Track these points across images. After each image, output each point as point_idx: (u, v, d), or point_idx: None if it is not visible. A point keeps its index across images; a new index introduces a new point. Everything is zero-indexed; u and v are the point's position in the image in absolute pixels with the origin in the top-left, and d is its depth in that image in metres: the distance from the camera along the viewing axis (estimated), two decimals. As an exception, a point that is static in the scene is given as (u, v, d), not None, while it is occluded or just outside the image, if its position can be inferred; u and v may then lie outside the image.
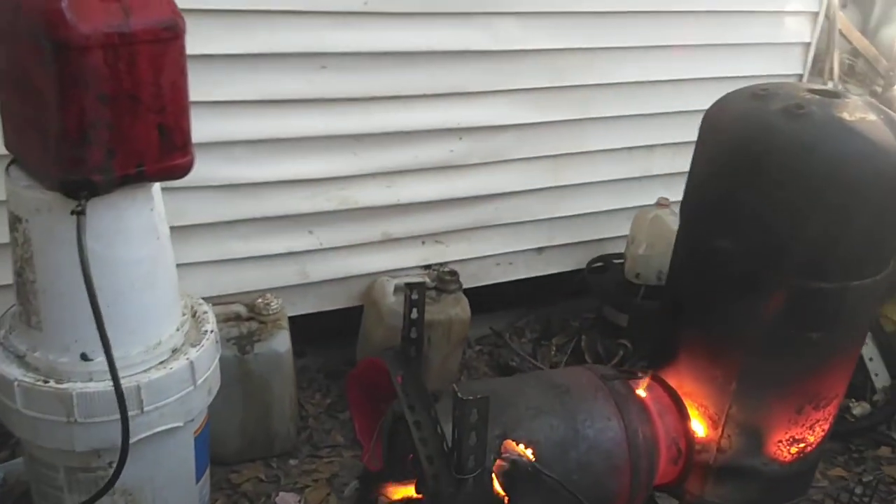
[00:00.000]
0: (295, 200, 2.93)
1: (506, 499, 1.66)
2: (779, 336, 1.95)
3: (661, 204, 3.44)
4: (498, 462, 1.69)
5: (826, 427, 2.12)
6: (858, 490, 2.14)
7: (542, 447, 1.81)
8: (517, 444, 1.73)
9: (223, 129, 2.63)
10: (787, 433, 2.06)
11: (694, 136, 3.65)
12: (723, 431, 2.08)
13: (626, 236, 3.73)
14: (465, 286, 3.24)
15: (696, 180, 2.08)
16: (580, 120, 3.39)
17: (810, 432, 2.08)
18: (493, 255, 3.49)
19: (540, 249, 3.60)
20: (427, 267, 3.33)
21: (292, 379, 2.87)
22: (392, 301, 3.08)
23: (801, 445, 2.09)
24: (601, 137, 3.48)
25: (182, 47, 1.83)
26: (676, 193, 3.71)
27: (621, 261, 3.60)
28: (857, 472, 3.13)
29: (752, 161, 1.83)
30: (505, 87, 3.15)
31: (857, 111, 1.82)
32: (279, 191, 2.87)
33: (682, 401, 2.07)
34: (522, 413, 1.85)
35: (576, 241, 3.67)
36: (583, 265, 3.73)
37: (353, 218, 3.08)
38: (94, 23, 1.66)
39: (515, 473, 1.67)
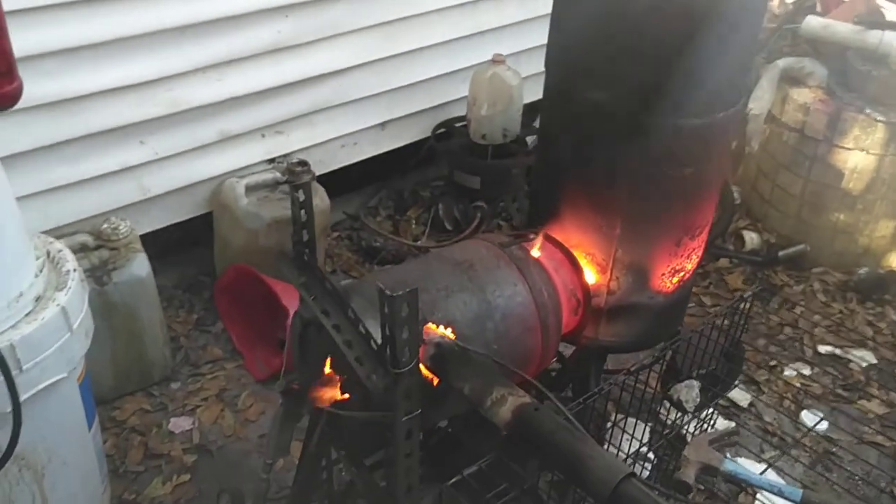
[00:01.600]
0: (120, 110, 2.65)
1: (435, 381, 1.66)
2: (657, 177, 2.01)
3: (497, 61, 3.42)
4: (422, 347, 1.67)
5: (700, 254, 2.25)
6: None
7: (461, 325, 1.81)
8: (437, 327, 1.71)
9: (28, 40, 2.29)
10: (668, 266, 2.17)
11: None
12: (611, 275, 2.17)
13: (465, 99, 3.71)
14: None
15: (562, 38, 2.05)
16: (407, -19, 3.25)
17: (688, 261, 2.21)
18: (337, 137, 3.37)
19: (383, 124, 3.51)
20: (272, 161, 3.17)
21: (157, 302, 2.69)
22: (246, 203, 2.91)
23: (682, 275, 2.23)
24: (432, -1, 3.37)
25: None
26: (508, 47, 3.75)
27: (464, 124, 3.59)
28: (704, 287, 3.43)
29: (616, 7, 1.82)
30: (325, -45, 2.95)
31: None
32: (102, 102, 2.59)
33: (572, 254, 2.13)
34: (435, 296, 1.82)
35: (417, 109, 3.59)
36: (427, 134, 3.69)
37: (186, 120, 2.84)
38: None
39: (441, 355, 1.66)
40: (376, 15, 3.20)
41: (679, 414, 2.40)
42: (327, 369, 1.73)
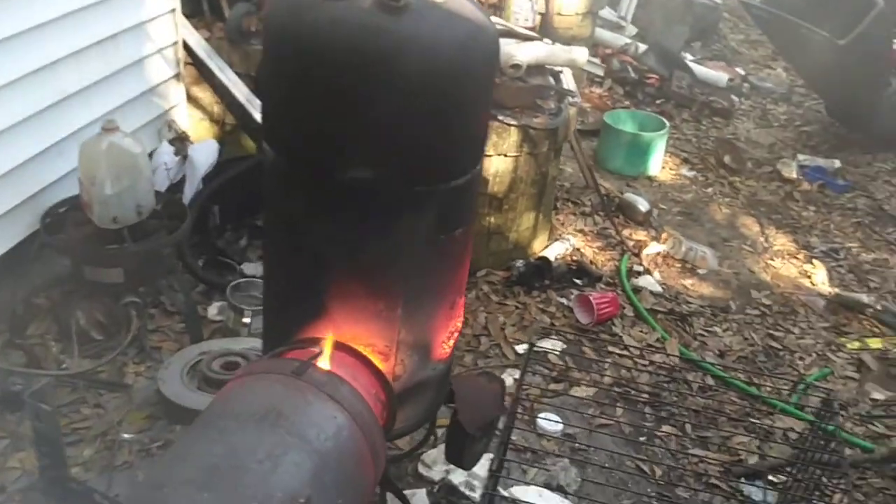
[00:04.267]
0: None
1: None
2: (435, 244, 1.80)
3: (109, 129, 2.84)
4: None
5: (463, 304, 2.12)
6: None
7: (305, 494, 1.42)
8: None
9: None
10: (447, 331, 1.99)
11: (93, 38, 3.07)
12: (396, 359, 1.92)
13: (68, 178, 3.05)
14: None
15: (292, 109, 1.70)
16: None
17: (459, 318, 2.05)
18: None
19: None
20: None
21: None
22: None
23: (456, 335, 2.07)
24: (1, 67, 2.66)
25: None
26: (99, 108, 3.16)
27: (76, 210, 2.95)
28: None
29: (376, 75, 1.55)
30: None
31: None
32: None
33: (358, 352, 1.83)
34: (261, 471, 1.39)
35: (11, 206, 2.85)
36: (29, 231, 2.95)
37: None
38: None
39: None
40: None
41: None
42: None
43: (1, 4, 2.59)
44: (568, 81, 3.66)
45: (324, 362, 1.73)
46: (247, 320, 2.99)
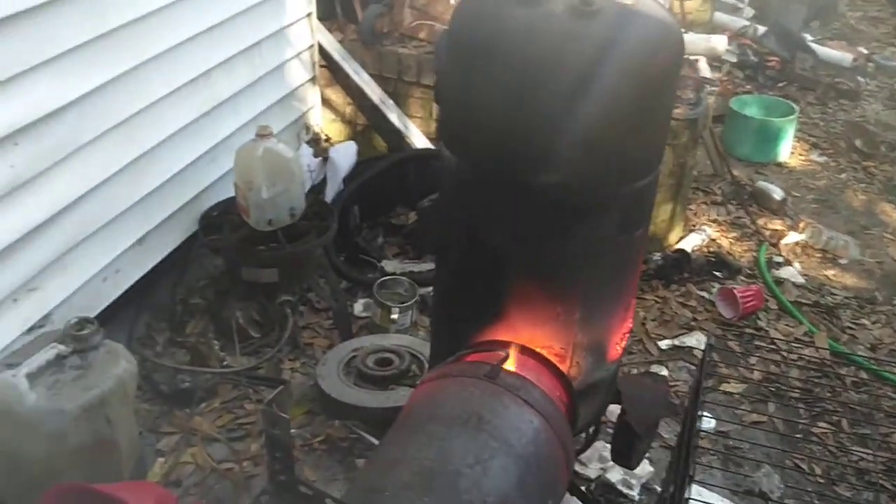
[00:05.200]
0: None
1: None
2: (617, 246, 1.80)
3: (264, 135, 2.93)
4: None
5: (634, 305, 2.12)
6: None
7: (512, 498, 1.45)
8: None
9: None
10: (621, 332, 1.99)
11: (240, 46, 3.18)
12: (571, 362, 1.94)
13: (220, 182, 3.17)
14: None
15: (479, 115, 1.72)
16: (138, 66, 2.63)
17: (632, 318, 2.05)
18: (97, 272, 2.66)
19: (141, 239, 2.85)
20: (31, 329, 2.40)
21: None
22: (35, 400, 2.14)
23: (626, 334, 2.07)
24: (164, 79, 2.78)
25: None
26: (247, 114, 3.28)
27: (222, 213, 3.07)
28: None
29: (572, 81, 1.56)
30: (45, 57, 2.25)
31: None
32: None
33: (541, 355, 1.85)
34: (474, 476, 1.43)
35: (173, 211, 2.98)
36: (188, 233, 3.09)
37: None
38: None
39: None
40: (112, 116, 2.56)
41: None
42: None
43: (164, 19, 2.70)
44: (704, 70, 3.58)
45: (511, 366, 1.75)
46: (394, 317, 3.05)
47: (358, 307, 3.26)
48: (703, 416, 2.84)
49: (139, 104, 2.67)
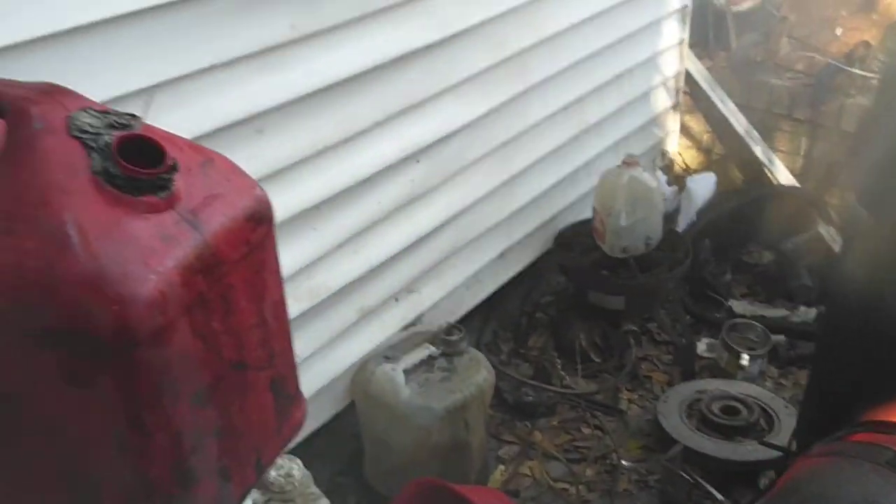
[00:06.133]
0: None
1: None
2: None
3: (629, 163, 2.96)
4: None
5: None
6: None
7: None
8: None
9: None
10: None
11: (613, 72, 3.23)
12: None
13: (575, 204, 3.25)
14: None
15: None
16: (522, 92, 2.77)
17: None
18: (463, 280, 2.85)
19: (502, 253, 3.01)
20: (405, 327, 2.63)
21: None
22: (409, 395, 2.36)
23: None
24: (541, 104, 2.90)
25: (274, 237, 1.02)
26: (610, 138, 3.32)
27: (575, 234, 3.14)
28: None
29: None
30: (450, 83, 2.46)
31: None
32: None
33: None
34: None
35: (531, 229, 3.11)
36: (540, 252, 3.21)
37: (326, 307, 2.29)
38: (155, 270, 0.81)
39: None
40: (493, 139, 2.72)
41: None
42: None
43: (550, 48, 2.82)
44: None
45: (907, 452, 1.59)
46: (744, 363, 2.92)
47: (701, 346, 3.17)
48: None
49: (517, 128, 2.81)
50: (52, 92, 0.82)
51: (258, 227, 0.95)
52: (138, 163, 0.81)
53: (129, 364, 0.78)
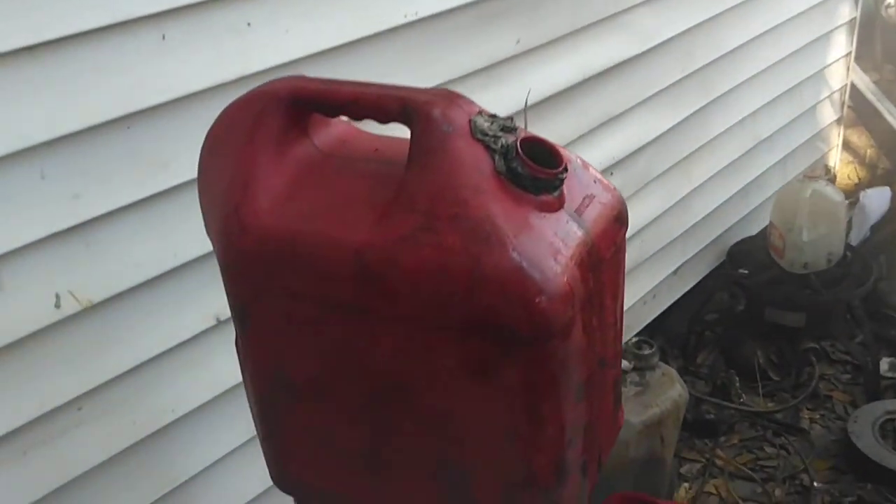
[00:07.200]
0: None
1: None
2: None
3: (811, 176, 2.91)
4: None
5: None
6: None
7: None
8: None
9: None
10: None
11: (786, 86, 3.17)
12: None
13: (743, 221, 3.20)
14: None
15: None
16: (705, 106, 2.76)
17: None
18: (642, 295, 2.84)
19: (676, 269, 2.98)
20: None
21: None
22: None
23: None
24: (721, 118, 2.88)
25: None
26: (779, 152, 3.27)
27: (747, 249, 3.08)
28: None
29: None
30: (644, 96, 2.46)
31: None
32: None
33: None
34: None
35: (704, 244, 3.08)
36: (712, 267, 3.17)
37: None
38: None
39: None
40: (676, 153, 2.71)
41: None
42: None
43: (732, 61, 2.79)
44: None
45: None
46: (945, 385, 2.81)
47: (883, 365, 3.06)
48: None
49: (699, 141, 2.79)
50: (453, 97, 0.86)
51: (622, 227, 0.98)
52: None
53: (539, 356, 0.81)
